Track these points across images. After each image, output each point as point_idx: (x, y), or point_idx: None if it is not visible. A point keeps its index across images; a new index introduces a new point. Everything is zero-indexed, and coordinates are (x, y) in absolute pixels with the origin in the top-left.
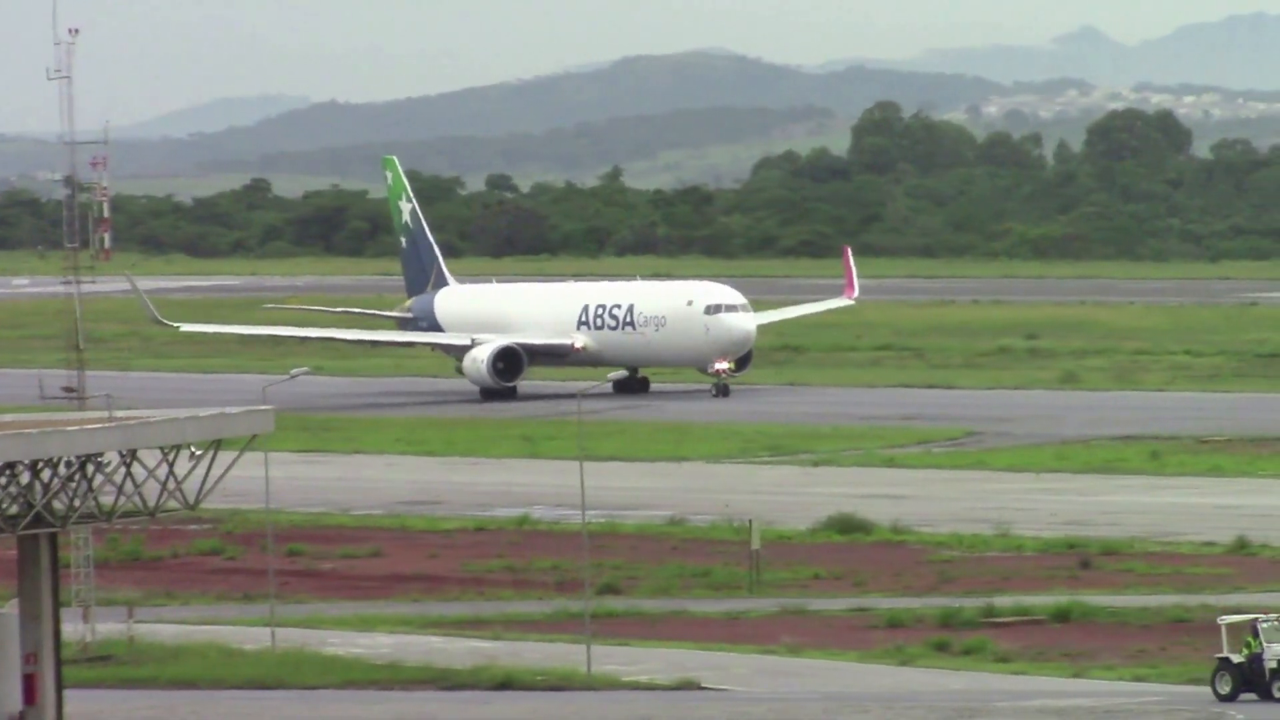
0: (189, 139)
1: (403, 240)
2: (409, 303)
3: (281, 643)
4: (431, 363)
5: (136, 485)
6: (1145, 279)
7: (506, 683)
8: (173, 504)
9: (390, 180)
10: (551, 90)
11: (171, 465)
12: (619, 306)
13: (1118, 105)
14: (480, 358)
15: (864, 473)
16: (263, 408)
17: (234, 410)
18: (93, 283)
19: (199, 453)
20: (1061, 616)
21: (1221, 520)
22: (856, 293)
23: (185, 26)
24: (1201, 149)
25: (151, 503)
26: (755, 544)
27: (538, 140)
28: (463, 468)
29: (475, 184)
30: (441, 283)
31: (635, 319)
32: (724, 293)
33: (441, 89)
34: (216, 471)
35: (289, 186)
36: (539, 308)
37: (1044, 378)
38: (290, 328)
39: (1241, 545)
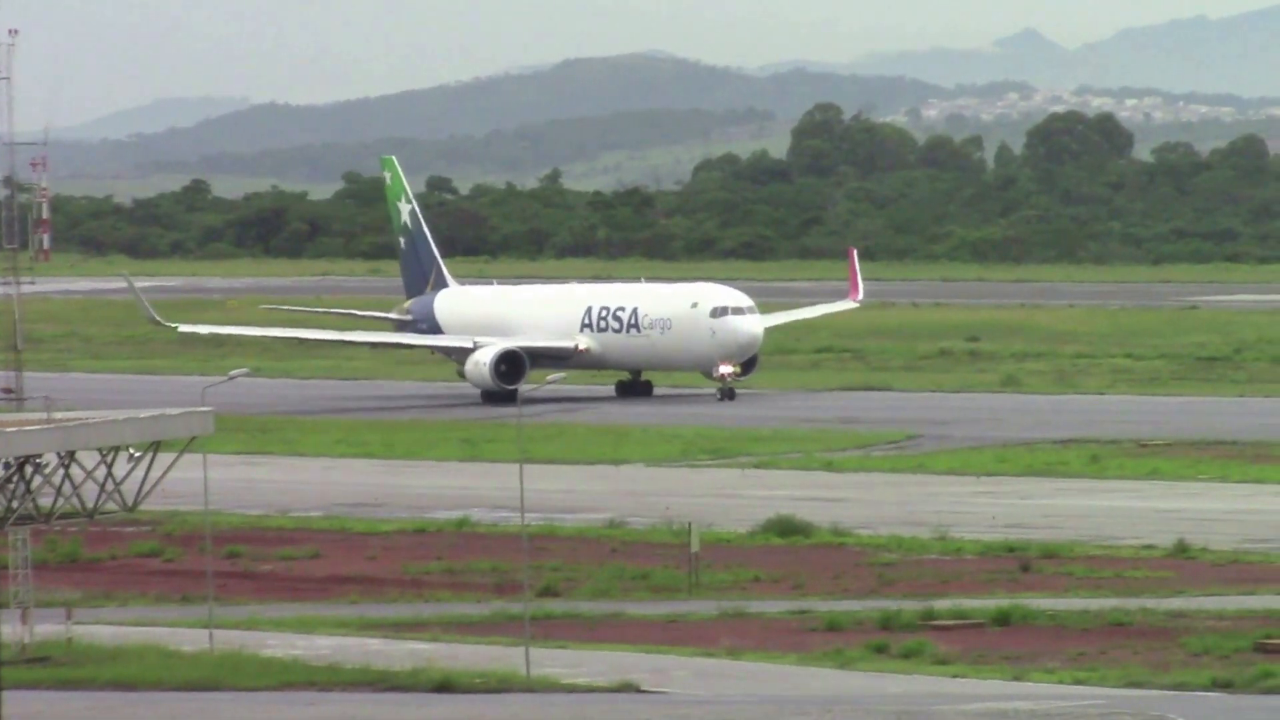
0: (129, 140)
1: (401, 241)
2: (408, 304)
3: (220, 644)
4: (368, 364)
5: (75, 487)
6: (1086, 282)
7: (445, 685)
8: (111, 505)
9: (389, 180)
10: (491, 92)
11: (110, 467)
12: (623, 309)
13: (1059, 108)
14: (483, 360)
15: (804, 475)
16: (202, 409)
17: (173, 412)
18: (32, 284)
19: (138, 454)
20: (1001, 620)
21: (1161, 524)
22: (861, 294)
23: (126, 28)
24: (1142, 152)
25: (90, 504)
26: (694, 546)
27: (478, 142)
28: (402, 470)
29: (415, 185)
30: (441, 284)
31: (640, 321)
32: (730, 295)
33: (381, 91)
34: (155, 473)
35: (229, 188)
36: (541, 310)
37: (984, 380)
38: (290, 329)
39: (1181, 549)
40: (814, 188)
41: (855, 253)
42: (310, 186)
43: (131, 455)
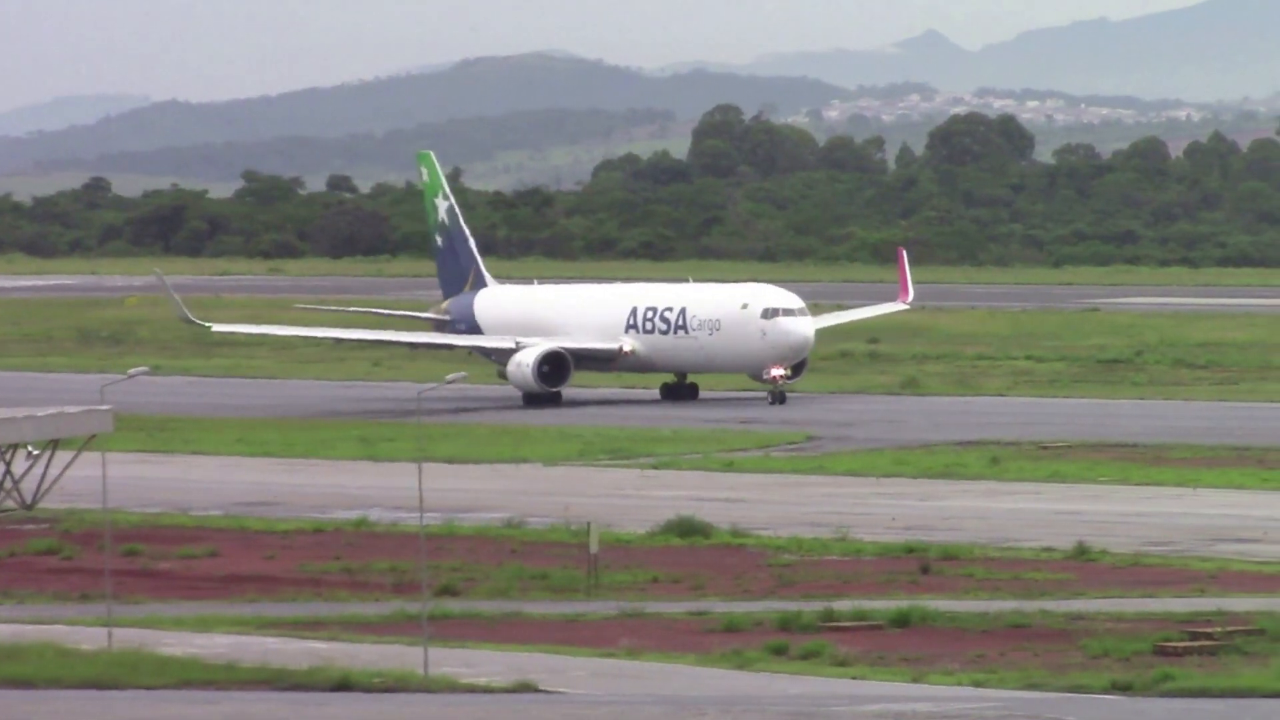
0: (28, 137)
1: (438, 239)
2: (445, 304)
3: (118, 643)
4: (268, 364)
5: None
6: (987, 284)
7: (343, 684)
8: (10, 503)
9: (425, 177)
10: (392, 91)
11: (9, 464)
12: (670, 310)
13: (960, 110)
14: (525, 362)
15: (703, 476)
16: (101, 407)
17: (72, 410)
18: None
19: (36, 452)
20: (901, 621)
21: (1061, 526)
22: (911, 296)
23: (24, 24)
24: (1044, 154)
25: None
26: (594, 547)
27: (378, 141)
28: (301, 469)
29: (316, 184)
30: (480, 284)
31: (688, 323)
32: (782, 296)
33: (282, 89)
34: (54, 471)
35: (129, 186)
36: (585, 310)
37: (884, 382)
38: (325, 329)
39: (1081, 551)
40: (714, 188)
41: (904, 253)
42: (210, 185)
43: (30, 453)
